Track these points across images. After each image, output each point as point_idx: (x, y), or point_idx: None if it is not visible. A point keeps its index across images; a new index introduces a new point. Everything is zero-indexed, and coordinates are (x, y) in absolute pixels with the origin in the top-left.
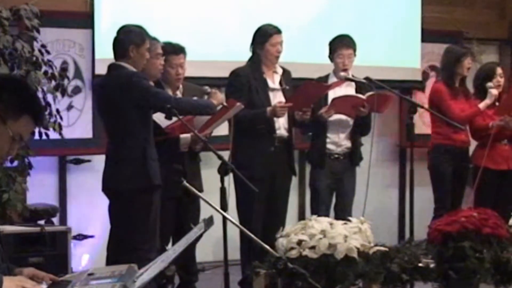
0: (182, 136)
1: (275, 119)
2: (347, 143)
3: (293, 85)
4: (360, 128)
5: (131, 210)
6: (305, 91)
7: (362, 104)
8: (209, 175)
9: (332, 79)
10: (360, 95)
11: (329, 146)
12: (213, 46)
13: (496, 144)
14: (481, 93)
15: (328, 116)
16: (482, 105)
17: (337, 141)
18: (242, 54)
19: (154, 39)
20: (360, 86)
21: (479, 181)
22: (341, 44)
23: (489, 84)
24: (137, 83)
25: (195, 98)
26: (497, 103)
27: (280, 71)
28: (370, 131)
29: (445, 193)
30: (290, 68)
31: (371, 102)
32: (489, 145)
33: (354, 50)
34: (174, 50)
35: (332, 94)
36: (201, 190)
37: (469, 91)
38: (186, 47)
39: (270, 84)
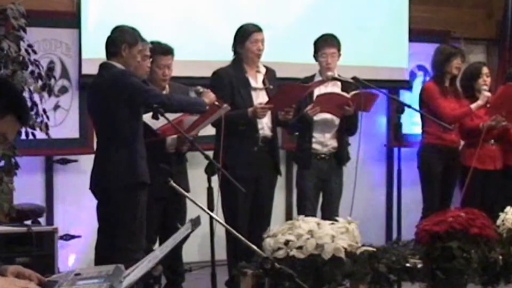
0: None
1: (258, 119)
2: (333, 143)
3: (278, 85)
4: (347, 128)
5: (118, 209)
6: (286, 92)
7: (347, 103)
8: (196, 175)
9: (318, 79)
10: (345, 94)
11: (315, 146)
12: (198, 46)
13: (484, 144)
14: (469, 92)
15: (313, 114)
16: (474, 106)
17: (323, 141)
18: (227, 53)
19: (143, 40)
20: (346, 86)
21: (469, 181)
22: (324, 43)
23: (484, 87)
24: (127, 80)
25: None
26: (488, 105)
27: (263, 70)
28: (357, 131)
29: (434, 193)
30: (275, 67)
31: (357, 101)
32: (479, 145)
33: (338, 49)
34: (162, 50)
35: (317, 93)
36: (187, 191)
37: (459, 90)
38: (171, 46)
39: (253, 83)
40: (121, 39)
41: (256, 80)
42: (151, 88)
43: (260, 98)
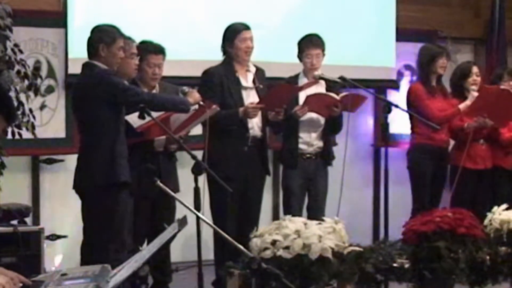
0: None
1: (248, 119)
2: (319, 143)
3: (267, 84)
4: (331, 127)
5: (98, 208)
6: (278, 92)
7: (336, 104)
8: (184, 175)
9: (302, 79)
10: (334, 95)
11: (301, 146)
12: (187, 45)
13: (473, 144)
14: (458, 92)
15: (302, 114)
16: (462, 106)
17: (309, 141)
18: (215, 53)
19: (129, 38)
20: (331, 85)
21: (457, 181)
22: (309, 44)
23: (473, 87)
24: (107, 79)
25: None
26: None
27: (253, 69)
28: (341, 129)
29: (424, 193)
30: (263, 67)
31: (345, 102)
32: (468, 145)
33: (323, 50)
34: (154, 49)
35: (303, 93)
36: (177, 190)
37: (447, 89)
38: (163, 46)
39: (243, 82)
40: (98, 39)
41: (247, 79)
42: (131, 87)
43: (250, 97)
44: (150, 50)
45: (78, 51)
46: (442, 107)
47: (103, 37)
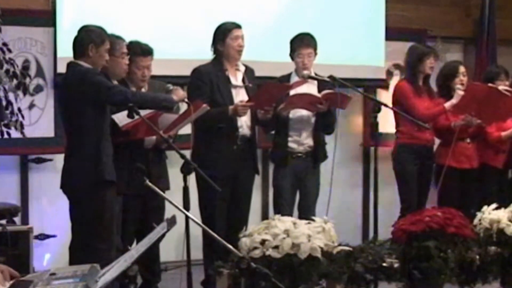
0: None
1: (237, 117)
2: (310, 142)
3: (256, 83)
4: (322, 126)
5: (85, 207)
6: (267, 91)
7: (319, 102)
8: (173, 174)
9: (294, 78)
10: (315, 94)
11: (291, 144)
12: (177, 45)
13: (459, 143)
14: (445, 91)
15: (286, 112)
16: (448, 104)
17: (299, 140)
18: (206, 52)
19: (119, 38)
20: (323, 85)
21: (443, 180)
22: (300, 44)
23: (458, 86)
24: (90, 78)
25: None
26: None
27: (242, 68)
28: (333, 130)
29: (410, 192)
30: (253, 66)
31: (331, 98)
32: (453, 144)
33: (315, 49)
34: (142, 51)
35: (293, 92)
36: (167, 189)
37: (433, 89)
38: (150, 45)
39: (233, 81)
40: (88, 39)
41: (236, 78)
42: (114, 85)
43: (240, 96)
44: (138, 52)
45: (67, 50)
46: (429, 106)
47: (93, 37)
